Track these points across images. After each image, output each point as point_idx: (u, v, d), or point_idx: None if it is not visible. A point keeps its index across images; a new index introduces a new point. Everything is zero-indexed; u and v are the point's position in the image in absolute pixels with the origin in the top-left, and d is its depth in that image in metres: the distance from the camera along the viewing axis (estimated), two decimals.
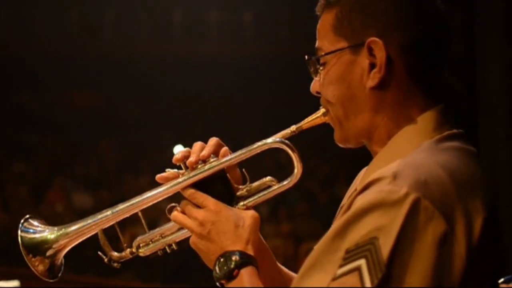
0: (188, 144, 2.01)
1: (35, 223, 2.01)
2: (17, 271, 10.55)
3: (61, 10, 15.21)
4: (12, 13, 15.44)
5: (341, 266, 1.49)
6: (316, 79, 1.81)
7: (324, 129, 1.89)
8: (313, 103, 1.89)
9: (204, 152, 1.90)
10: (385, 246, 1.47)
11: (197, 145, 1.93)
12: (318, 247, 1.56)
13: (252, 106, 15.38)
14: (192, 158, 1.89)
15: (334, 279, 1.50)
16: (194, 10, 15.41)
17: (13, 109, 14.85)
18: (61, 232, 1.97)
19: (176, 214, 1.88)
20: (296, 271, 1.75)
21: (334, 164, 12.54)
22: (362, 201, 1.54)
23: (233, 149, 1.92)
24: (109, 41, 15.66)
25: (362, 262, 1.48)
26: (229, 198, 1.88)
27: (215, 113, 15.08)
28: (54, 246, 1.96)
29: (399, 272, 1.47)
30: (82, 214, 12.02)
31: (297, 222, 11.05)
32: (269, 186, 1.90)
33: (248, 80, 14.19)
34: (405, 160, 1.60)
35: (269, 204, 10.96)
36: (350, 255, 1.49)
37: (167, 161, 2.05)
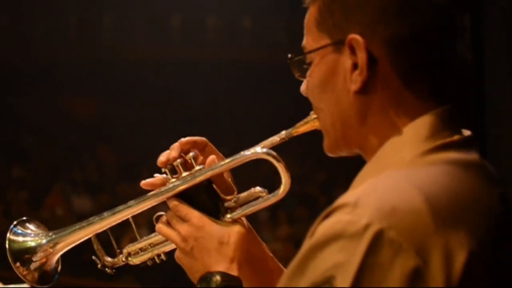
0: None
1: (31, 226, 1.97)
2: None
3: (59, 15, 15.19)
4: (10, 18, 15.44)
5: None
6: (305, 80, 1.61)
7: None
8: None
9: (175, 153, 1.84)
10: (343, 285, 1.26)
11: (182, 140, 1.87)
12: (280, 283, 1.41)
13: (251, 111, 15.37)
14: (173, 153, 1.84)
15: None
16: (193, 15, 15.41)
17: (11, 113, 14.83)
18: (45, 240, 1.94)
19: (161, 226, 1.81)
20: None
21: (333, 168, 12.53)
22: (321, 232, 1.34)
23: (231, 154, 1.82)
24: (108, 46, 15.64)
25: None
26: (215, 210, 1.78)
27: (214, 118, 15.07)
28: (42, 251, 1.92)
29: None
30: (82, 218, 12.00)
31: (297, 226, 11.04)
32: (258, 197, 1.80)
33: (247, 85, 14.18)
34: (374, 181, 1.37)
35: (268, 208, 10.94)
36: None
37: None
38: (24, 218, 1.99)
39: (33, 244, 1.93)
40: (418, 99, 1.46)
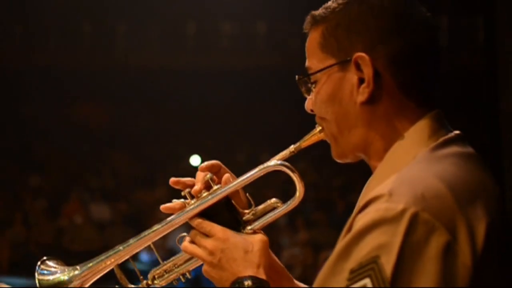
0: (202, 154, 2.03)
1: (52, 263, 2.02)
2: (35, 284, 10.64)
3: (73, 22, 15.28)
4: (24, 26, 15.53)
5: (347, 286, 1.49)
6: (309, 97, 1.82)
7: None
8: None
9: (198, 186, 1.92)
10: (388, 263, 1.46)
11: (200, 174, 1.95)
12: (323, 270, 1.56)
13: (266, 117, 15.39)
14: (197, 187, 1.92)
15: None
16: (207, 22, 15.46)
17: (27, 122, 14.93)
18: (75, 272, 1.98)
19: (186, 245, 1.91)
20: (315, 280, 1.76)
21: (350, 173, 12.53)
22: (362, 221, 1.52)
23: (247, 161, 1.93)
24: (122, 54, 15.70)
25: (367, 281, 1.47)
26: (236, 223, 1.89)
27: (228, 124, 15.11)
28: (70, 286, 1.98)
29: (405, 287, 1.46)
30: (100, 225, 12.09)
31: (315, 231, 11.04)
32: (274, 208, 1.92)
33: (261, 91, 14.21)
34: (400, 175, 1.59)
35: (286, 214, 10.94)
36: (355, 275, 1.49)
37: (182, 172, 2.07)
38: (45, 258, 2.03)
39: (62, 278, 1.99)
40: (416, 105, 1.70)
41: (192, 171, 1.99)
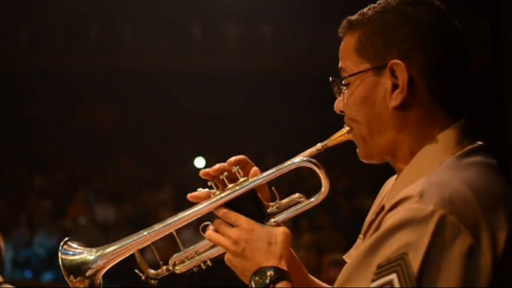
0: (207, 156, 2.06)
1: (74, 245, 2.06)
2: (39, 285, 10.66)
3: (80, 25, 15.30)
4: (32, 29, 15.57)
5: (373, 280, 1.56)
6: (339, 98, 1.88)
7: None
8: (331, 117, 1.94)
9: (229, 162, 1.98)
10: (415, 261, 1.53)
11: (230, 161, 2.00)
12: (351, 262, 1.63)
13: (271, 119, 15.39)
14: (223, 165, 1.98)
15: None
16: (213, 25, 15.47)
17: (32, 124, 14.95)
18: (99, 253, 2.03)
19: (210, 233, 1.96)
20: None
21: (355, 175, 12.52)
22: (392, 219, 1.60)
23: (253, 163, 1.97)
24: (128, 56, 15.73)
25: (393, 277, 1.54)
26: (260, 216, 1.94)
27: (234, 126, 15.11)
28: (93, 266, 2.02)
29: (429, 285, 1.53)
30: (105, 227, 12.10)
31: (320, 233, 11.03)
32: (298, 203, 1.97)
33: (267, 94, 14.21)
34: (429, 178, 1.66)
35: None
36: (382, 270, 1.56)
37: (187, 174, 2.08)
38: (67, 238, 2.09)
39: (86, 258, 2.04)
40: (445, 113, 1.78)
41: (197, 173, 2.01)
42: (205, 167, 2.06)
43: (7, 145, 14.29)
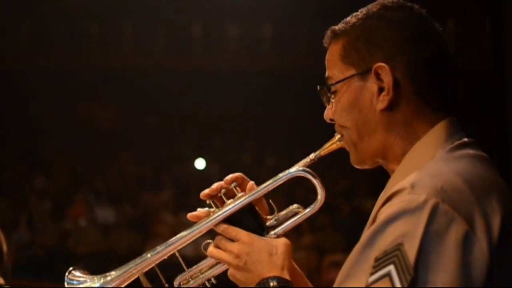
0: (208, 156, 2.07)
1: (78, 273, 2.07)
2: (39, 285, 10.65)
3: (81, 23, 15.28)
4: (32, 28, 15.56)
5: (372, 274, 1.59)
6: (328, 107, 1.93)
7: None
8: None
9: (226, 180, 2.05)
10: (411, 250, 1.56)
11: (226, 179, 2.06)
12: (349, 259, 1.66)
13: (272, 119, 15.38)
14: (220, 183, 2.03)
15: (367, 287, 1.59)
16: (213, 24, 15.45)
17: (33, 123, 14.94)
18: (102, 280, 2.04)
19: (212, 250, 2.01)
20: (319, 284, 1.81)
21: (355, 177, 12.52)
22: (386, 212, 1.63)
23: (252, 163, 1.98)
24: (128, 55, 15.72)
25: (391, 268, 1.56)
26: (260, 229, 1.99)
27: (235, 126, 15.10)
28: None
29: (427, 273, 1.55)
30: (105, 228, 12.09)
31: (320, 234, 11.02)
32: (296, 213, 2.02)
33: (267, 94, 14.20)
34: (421, 171, 1.70)
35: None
36: (379, 262, 1.58)
37: (187, 174, 2.09)
38: (71, 268, 2.09)
39: (93, 286, 2.04)
40: (432, 111, 1.83)
41: (197, 174, 2.02)
42: (205, 168, 2.07)
43: (7, 145, 14.28)
